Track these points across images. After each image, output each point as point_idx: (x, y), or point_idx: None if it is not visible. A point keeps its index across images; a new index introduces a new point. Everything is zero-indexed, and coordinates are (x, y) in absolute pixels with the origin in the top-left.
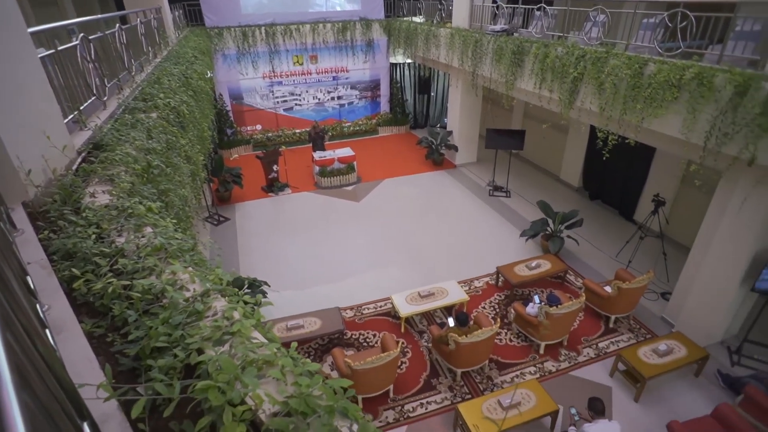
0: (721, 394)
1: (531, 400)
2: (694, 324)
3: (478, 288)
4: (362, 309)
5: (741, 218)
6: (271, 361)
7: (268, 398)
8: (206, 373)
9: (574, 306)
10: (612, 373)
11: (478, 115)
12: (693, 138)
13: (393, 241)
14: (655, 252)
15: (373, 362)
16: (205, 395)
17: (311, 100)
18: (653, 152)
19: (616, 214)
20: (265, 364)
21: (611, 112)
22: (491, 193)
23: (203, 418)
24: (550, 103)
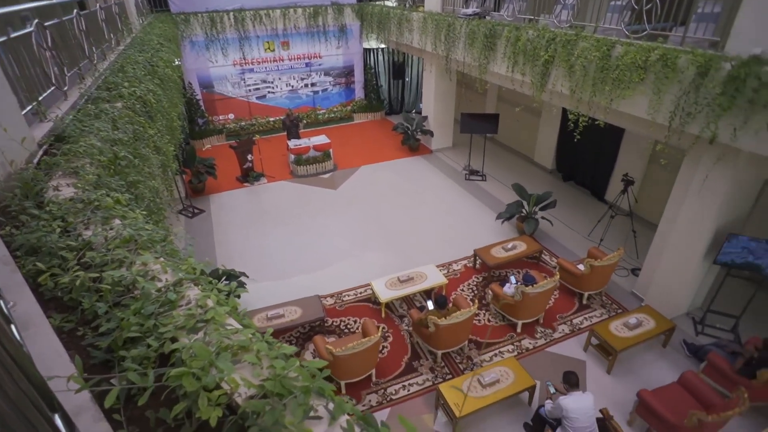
0: (686, 362)
1: (509, 377)
2: (661, 297)
3: (456, 271)
4: (342, 296)
5: (703, 195)
6: (246, 347)
7: (244, 382)
8: (180, 360)
9: (548, 285)
10: (586, 347)
11: (452, 99)
12: (659, 118)
13: (371, 228)
14: (625, 230)
15: (354, 348)
16: (180, 382)
17: (284, 87)
18: (622, 133)
19: (588, 194)
20: (240, 350)
21: (581, 94)
22: (467, 177)
23: (178, 405)
24: (523, 87)
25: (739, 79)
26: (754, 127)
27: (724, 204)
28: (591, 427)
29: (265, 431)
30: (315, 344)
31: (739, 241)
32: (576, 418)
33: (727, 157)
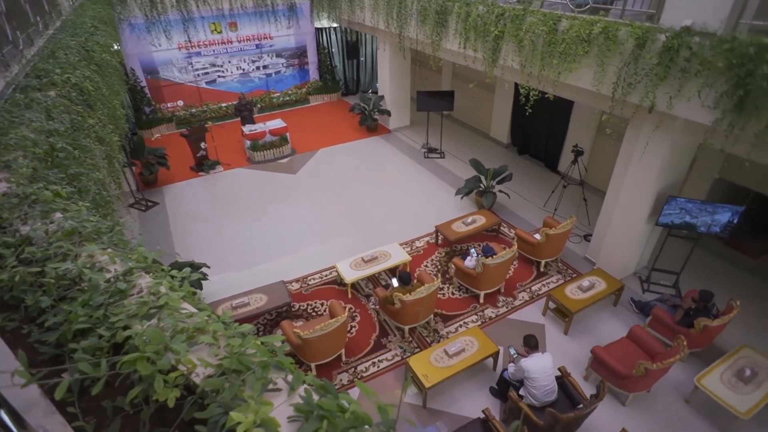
0: (634, 318)
1: (474, 346)
2: (611, 260)
3: (419, 248)
4: (308, 280)
5: (645, 161)
6: (202, 328)
7: (201, 362)
8: (135, 347)
9: (507, 255)
10: (544, 311)
11: (408, 78)
12: (603, 89)
13: (334, 210)
14: (577, 198)
15: (322, 329)
16: (134, 367)
17: (235, 71)
18: (571, 105)
19: (542, 166)
20: (196, 332)
21: (531, 69)
22: (426, 155)
23: (134, 389)
24: (475, 63)
25: (673, 49)
26: (686, 95)
27: (663, 169)
28: (551, 385)
29: (224, 407)
30: (282, 329)
31: (677, 203)
32: (537, 377)
33: (665, 124)
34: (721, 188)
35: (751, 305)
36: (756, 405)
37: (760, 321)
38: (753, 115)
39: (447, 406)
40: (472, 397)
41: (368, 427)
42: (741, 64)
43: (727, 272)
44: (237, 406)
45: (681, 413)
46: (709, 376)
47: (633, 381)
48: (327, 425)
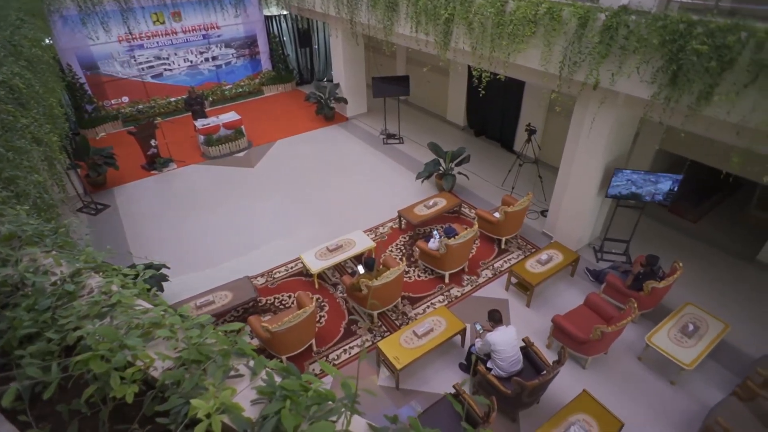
0: (590, 286)
1: (442, 325)
2: (567, 233)
3: (383, 233)
4: (273, 273)
5: (592, 136)
6: (159, 323)
7: (159, 356)
8: (87, 347)
9: (469, 234)
10: (507, 287)
11: (362, 64)
12: (550, 69)
13: (296, 202)
14: (533, 176)
15: (291, 321)
16: (88, 367)
17: (182, 63)
18: (523, 86)
19: (498, 146)
20: (152, 327)
21: (482, 51)
22: (385, 141)
23: (89, 388)
24: (428, 46)
25: (612, 28)
26: (626, 72)
27: (609, 143)
28: (516, 356)
29: (186, 397)
30: (250, 325)
31: (624, 175)
32: (502, 350)
33: (609, 100)
34: (662, 159)
35: (692, 265)
36: (698, 356)
37: (701, 279)
38: (686, 88)
39: (419, 386)
40: (443, 375)
41: (331, 402)
42: (673, 41)
43: (670, 237)
44: (199, 395)
45: (635, 370)
46: (657, 333)
47: (591, 345)
48: (290, 404)
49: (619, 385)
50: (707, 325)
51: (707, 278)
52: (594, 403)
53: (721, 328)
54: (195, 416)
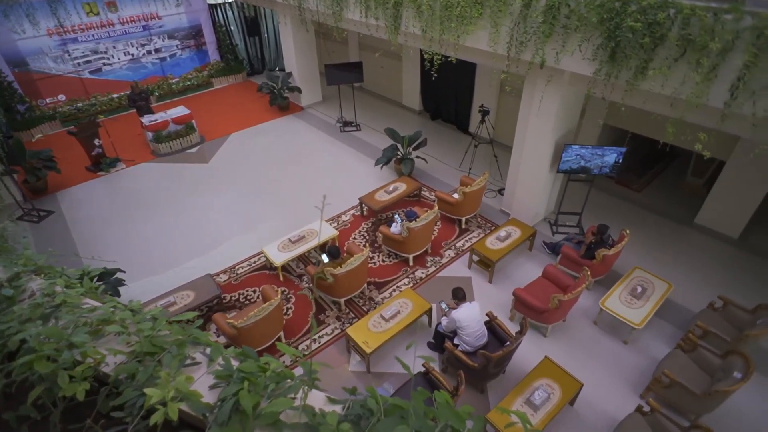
0: (547, 258)
1: (408, 307)
2: (523, 209)
3: (345, 221)
4: (236, 269)
5: (542, 114)
6: (109, 319)
7: (110, 351)
8: (31, 349)
9: (430, 217)
10: (469, 265)
11: (314, 51)
12: (499, 49)
13: (255, 195)
14: (489, 156)
15: (257, 315)
16: (32, 369)
17: (122, 57)
18: (475, 67)
19: (454, 129)
20: (101, 323)
21: (432, 33)
22: (342, 129)
23: (34, 390)
24: (379, 31)
25: (554, 7)
26: (570, 50)
27: (558, 119)
28: (480, 330)
29: (140, 389)
30: (216, 322)
31: (573, 150)
32: (468, 325)
33: (555, 78)
34: (607, 133)
35: (638, 232)
36: (647, 316)
37: (646, 244)
38: (623, 64)
39: (390, 367)
40: (412, 355)
41: (290, 380)
42: (610, 18)
43: (618, 207)
44: (154, 386)
45: (591, 333)
46: (610, 298)
47: (550, 314)
48: (248, 385)
49: (577, 349)
50: (653, 286)
51: (652, 243)
52: (555, 367)
53: (665, 288)
54: (152, 407)
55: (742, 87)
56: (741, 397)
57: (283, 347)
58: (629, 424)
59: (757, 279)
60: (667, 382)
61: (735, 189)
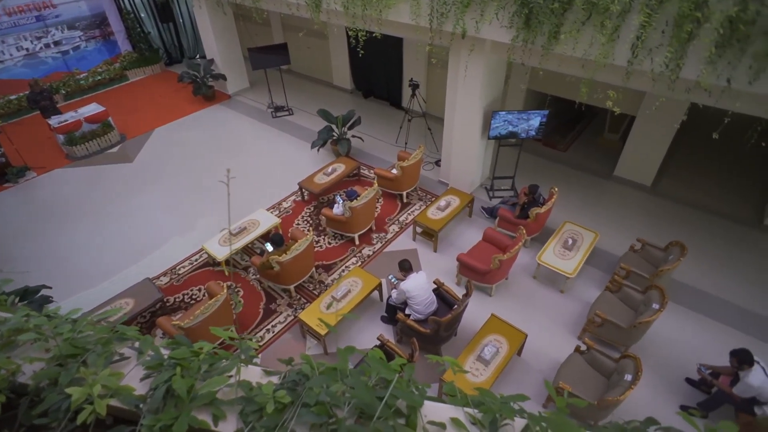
0: (486, 222)
1: (358, 285)
2: (460, 178)
3: (287, 208)
4: (178, 270)
5: (468, 83)
6: (21, 328)
7: (24, 360)
8: None
9: (370, 194)
10: (414, 237)
11: (234, 35)
12: (421, 22)
13: (189, 191)
14: (423, 129)
15: (203, 312)
16: None
17: (15, 52)
18: (401, 42)
19: (387, 105)
20: (14, 333)
21: (354, 10)
22: (274, 114)
23: None
24: (300, 10)
25: None
26: (488, 19)
27: (483, 87)
28: (429, 298)
29: (64, 394)
30: (161, 326)
31: (501, 116)
32: (417, 294)
33: (477, 47)
34: (531, 98)
35: (566, 188)
36: (578, 264)
37: (574, 199)
38: (538, 30)
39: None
40: (367, 331)
41: (225, 360)
42: None
43: (546, 167)
44: (79, 386)
45: (532, 288)
46: (545, 252)
47: (493, 274)
48: (181, 370)
49: (520, 303)
50: (582, 237)
51: (578, 197)
52: (501, 323)
53: (593, 237)
54: (80, 407)
55: (641, 45)
56: (660, 324)
57: (217, 331)
58: (570, 364)
59: (668, 220)
60: (599, 321)
61: (645, 141)
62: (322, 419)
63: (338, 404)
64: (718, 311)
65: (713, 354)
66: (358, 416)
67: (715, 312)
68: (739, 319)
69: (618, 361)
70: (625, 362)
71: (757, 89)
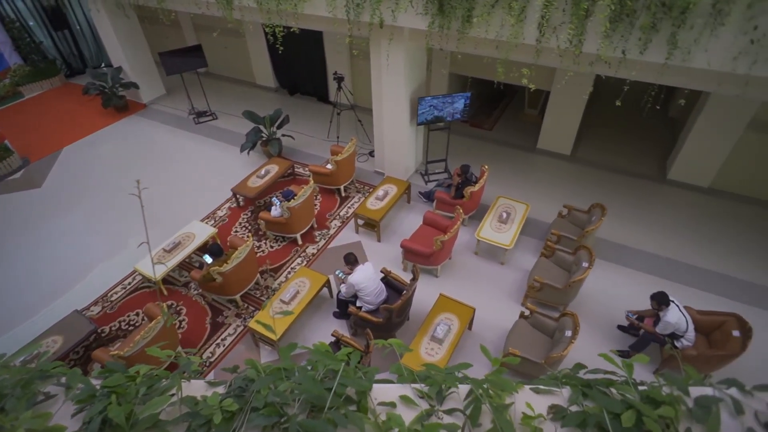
0: (425, 206)
1: (306, 285)
2: (394, 166)
3: (222, 217)
4: (109, 297)
5: (391, 71)
6: None
7: None
8: None
9: (307, 192)
10: (356, 229)
11: (142, 39)
12: (338, 14)
13: (113, 211)
14: (353, 121)
15: (144, 337)
16: None
17: None
18: (321, 35)
19: (314, 100)
20: None
21: (268, 5)
22: (197, 120)
23: None
24: (211, 8)
25: None
26: (403, 7)
27: (407, 75)
28: (378, 287)
29: None
30: (97, 360)
31: (426, 102)
32: (365, 286)
33: (396, 35)
34: (454, 81)
35: (496, 165)
36: (514, 236)
37: (503, 174)
38: (452, 15)
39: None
40: (321, 329)
41: (165, 379)
42: None
43: (475, 146)
44: None
45: (474, 263)
46: (483, 228)
47: (436, 255)
48: (117, 398)
49: (465, 280)
50: (515, 209)
51: (507, 172)
52: (450, 301)
53: (524, 209)
54: None
55: (546, 24)
56: (590, 280)
57: (153, 351)
58: (516, 329)
59: (588, 184)
60: (538, 286)
61: (561, 113)
62: (272, 420)
63: (288, 402)
64: (638, 261)
65: (638, 300)
66: (309, 410)
67: (636, 262)
68: (656, 265)
69: (558, 320)
70: (564, 320)
71: (647, 58)
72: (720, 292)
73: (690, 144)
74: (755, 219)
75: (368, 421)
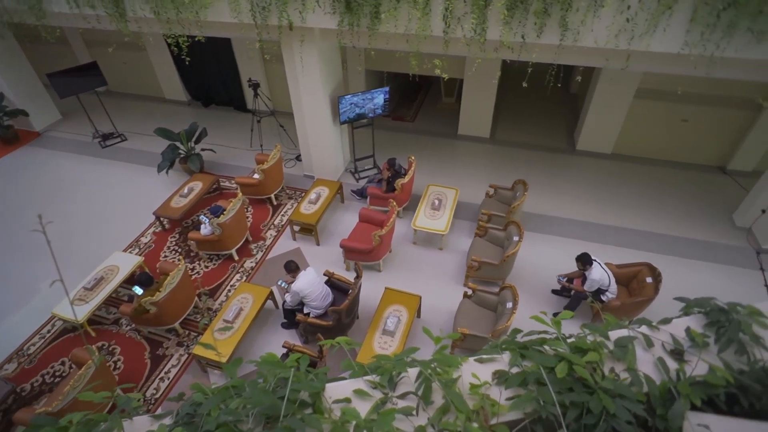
0: (360, 204)
1: (249, 300)
2: (323, 167)
3: (147, 243)
4: (26, 350)
5: (307, 73)
6: None
7: None
8: None
9: (236, 205)
10: (294, 236)
11: (24, 61)
12: (245, 19)
13: (20, 253)
14: (275, 127)
15: (74, 388)
16: None
17: None
18: (230, 42)
19: (231, 110)
20: None
21: (167, 14)
22: (103, 144)
23: None
24: (102, 22)
25: None
26: (310, 7)
27: (323, 75)
28: (323, 291)
29: None
30: (20, 423)
31: (346, 100)
32: (310, 291)
33: (307, 36)
34: (371, 78)
35: (422, 155)
36: (448, 221)
37: (430, 163)
38: (360, 12)
39: (254, 366)
40: (272, 342)
41: (104, 423)
42: None
43: (400, 139)
44: None
45: (414, 252)
46: (418, 218)
47: (376, 250)
48: None
49: (408, 270)
50: (446, 195)
51: (434, 160)
52: (396, 293)
53: (454, 193)
54: None
55: (450, 16)
56: (523, 252)
57: (86, 395)
58: (462, 309)
59: (509, 163)
60: (476, 265)
61: (475, 99)
62: None
63: (241, 418)
64: (561, 228)
65: (566, 264)
66: (264, 423)
67: (560, 229)
68: (577, 229)
69: (499, 294)
70: (504, 293)
71: (544, 41)
72: (632, 245)
73: (590, 116)
74: (652, 176)
75: (325, 421)
